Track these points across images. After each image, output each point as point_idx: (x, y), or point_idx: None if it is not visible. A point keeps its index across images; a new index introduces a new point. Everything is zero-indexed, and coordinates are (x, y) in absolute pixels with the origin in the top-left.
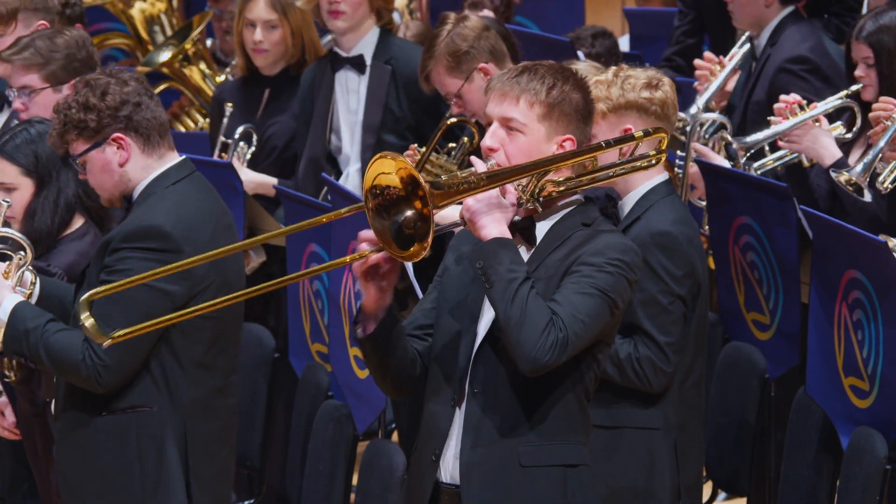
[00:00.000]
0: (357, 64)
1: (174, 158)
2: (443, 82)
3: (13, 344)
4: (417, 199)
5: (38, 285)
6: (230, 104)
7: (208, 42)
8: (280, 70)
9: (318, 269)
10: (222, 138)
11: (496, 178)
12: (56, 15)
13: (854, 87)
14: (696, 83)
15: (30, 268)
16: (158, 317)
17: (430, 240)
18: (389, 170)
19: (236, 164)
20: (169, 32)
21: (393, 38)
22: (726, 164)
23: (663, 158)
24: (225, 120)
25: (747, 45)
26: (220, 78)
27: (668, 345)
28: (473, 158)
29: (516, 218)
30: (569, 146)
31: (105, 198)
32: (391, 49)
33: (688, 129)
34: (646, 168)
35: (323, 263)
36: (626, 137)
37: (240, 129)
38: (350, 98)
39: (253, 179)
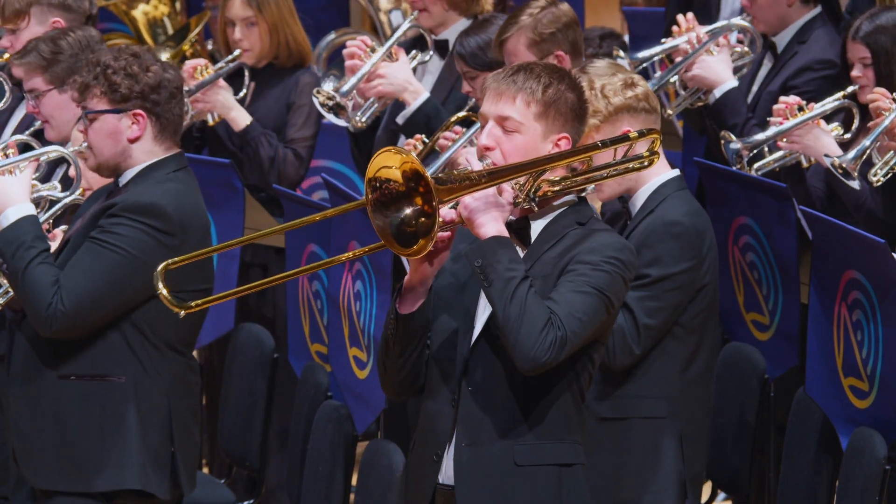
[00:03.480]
0: (441, 48)
1: (175, 152)
2: (517, 52)
3: (3, 245)
4: (419, 195)
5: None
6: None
7: (208, 44)
8: (265, 64)
9: (316, 265)
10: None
11: (496, 175)
12: (83, 16)
13: (851, 88)
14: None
15: (47, 198)
16: (124, 282)
17: (434, 235)
18: (393, 164)
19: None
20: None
21: None
22: None
23: (656, 160)
24: None
25: (730, 28)
26: None
27: (645, 327)
28: (469, 158)
29: (511, 218)
30: (564, 145)
31: (96, 162)
32: None
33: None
34: (639, 169)
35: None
36: (622, 138)
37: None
38: (426, 79)
39: None
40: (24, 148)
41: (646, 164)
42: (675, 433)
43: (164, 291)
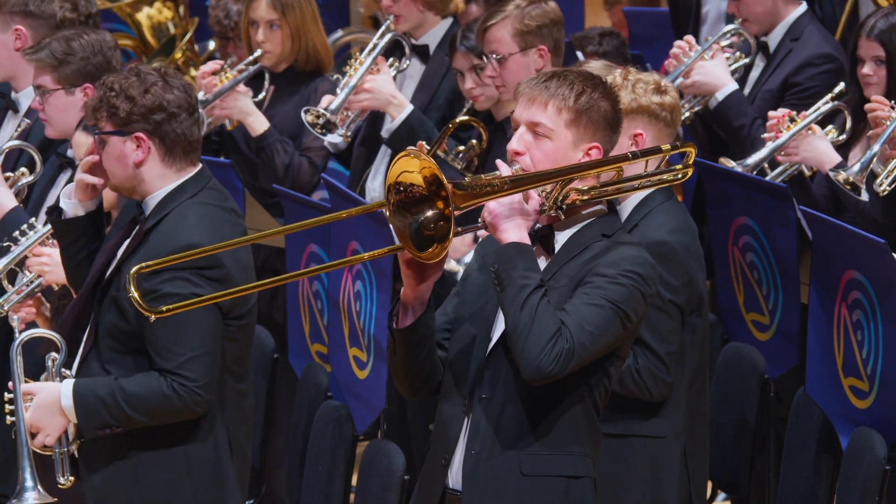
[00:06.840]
0: (422, 53)
1: (192, 172)
2: (500, 40)
3: (94, 419)
4: (440, 199)
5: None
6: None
7: (210, 44)
8: (285, 68)
9: (321, 268)
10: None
11: (519, 182)
12: (49, 20)
13: (838, 89)
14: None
15: (62, 370)
16: (210, 332)
17: (449, 241)
18: (413, 168)
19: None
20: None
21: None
22: None
23: (690, 173)
24: None
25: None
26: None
27: (667, 355)
28: (498, 162)
29: (537, 226)
30: (595, 154)
31: (112, 184)
32: None
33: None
34: (671, 182)
35: (323, 264)
36: (654, 150)
37: None
38: (407, 84)
39: None
40: (18, 155)
41: (679, 176)
42: (677, 452)
43: (136, 294)
